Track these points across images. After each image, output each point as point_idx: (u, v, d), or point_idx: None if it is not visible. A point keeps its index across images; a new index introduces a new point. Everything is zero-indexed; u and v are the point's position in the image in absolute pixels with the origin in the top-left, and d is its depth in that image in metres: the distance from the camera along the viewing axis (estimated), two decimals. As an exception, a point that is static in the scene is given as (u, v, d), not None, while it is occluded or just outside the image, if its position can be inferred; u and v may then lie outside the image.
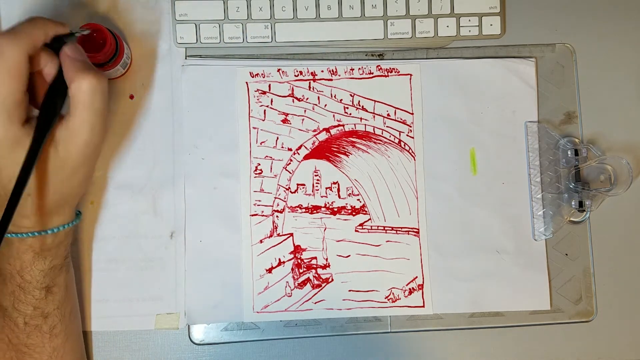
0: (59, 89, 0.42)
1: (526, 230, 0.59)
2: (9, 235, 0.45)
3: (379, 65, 0.59)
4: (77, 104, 0.42)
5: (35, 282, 0.47)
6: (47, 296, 0.48)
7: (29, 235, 0.45)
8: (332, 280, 0.57)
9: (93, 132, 0.43)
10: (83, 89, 0.41)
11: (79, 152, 0.43)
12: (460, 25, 0.59)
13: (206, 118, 0.58)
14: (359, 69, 0.59)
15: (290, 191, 0.58)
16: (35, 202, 0.44)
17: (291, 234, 0.57)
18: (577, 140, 0.60)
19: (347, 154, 0.58)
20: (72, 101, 0.42)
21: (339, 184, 0.58)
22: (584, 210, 0.58)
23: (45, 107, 0.41)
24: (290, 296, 0.57)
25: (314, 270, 0.57)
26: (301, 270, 0.57)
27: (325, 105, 0.58)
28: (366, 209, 0.58)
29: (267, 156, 0.58)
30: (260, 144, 0.58)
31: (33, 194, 0.43)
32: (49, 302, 0.48)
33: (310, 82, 0.59)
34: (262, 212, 0.57)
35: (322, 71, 0.59)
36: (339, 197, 0.58)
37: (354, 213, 0.58)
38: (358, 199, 0.58)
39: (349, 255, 0.58)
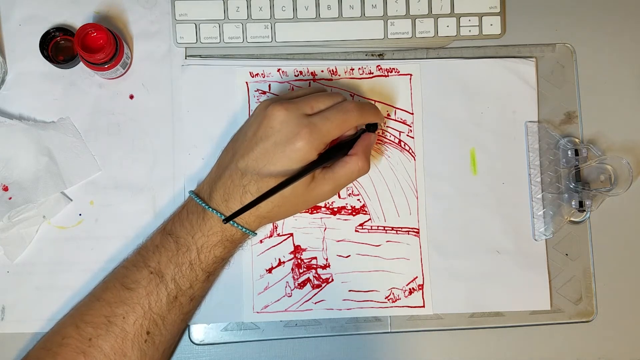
0: (342, 148, 0.51)
1: (526, 230, 0.59)
2: (220, 215, 0.49)
3: (379, 65, 0.59)
4: (340, 170, 0.50)
5: (205, 264, 0.50)
6: (204, 281, 0.51)
7: (237, 225, 0.49)
8: (332, 280, 0.57)
9: (329, 192, 0.51)
10: (352, 166, 0.50)
11: (316, 196, 0.51)
12: (460, 25, 0.59)
13: (206, 118, 0.58)
14: (359, 69, 0.59)
15: (290, 191, 0.58)
16: (267, 206, 0.49)
17: (291, 234, 0.57)
18: (577, 140, 0.60)
19: (347, 154, 0.58)
20: (339, 164, 0.50)
21: (339, 184, 0.58)
22: (584, 210, 0.58)
23: (326, 153, 0.50)
24: (290, 296, 0.57)
25: (314, 270, 0.57)
26: (301, 270, 0.57)
27: (325, 105, 0.58)
28: (366, 209, 0.58)
29: (267, 156, 0.58)
30: (260, 144, 0.58)
31: (272, 199, 0.48)
32: (202, 287, 0.51)
33: (310, 82, 0.59)
34: (262, 212, 0.57)
35: (322, 71, 0.59)
36: (339, 197, 0.58)
37: (354, 213, 0.58)
38: (358, 199, 0.58)
39: (349, 255, 0.58)
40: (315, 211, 0.58)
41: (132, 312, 0.48)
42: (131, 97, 0.58)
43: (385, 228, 0.58)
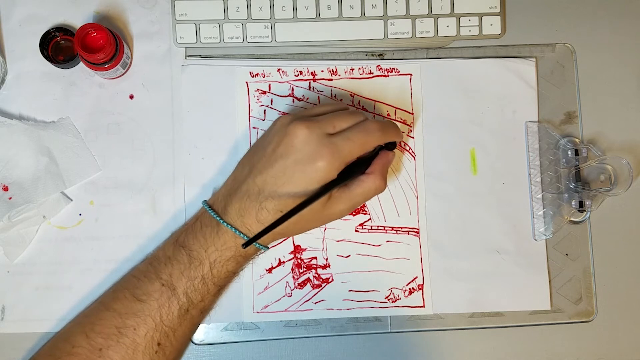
0: (360, 165, 0.50)
1: (526, 230, 0.59)
2: (241, 235, 0.48)
3: (379, 65, 0.59)
4: (357, 189, 0.50)
5: (217, 278, 0.49)
6: (215, 295, 0.50)
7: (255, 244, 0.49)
8: (332, 280, 0.57)
9: (345, 210, 0.50)
10: (369, 185, 0.49)
11: (331, 214, 0.50)
12: (460, 25, 0.59)
13: (206, 118, 0.58)
14: (359, 69, 0.59)
15: (290, 191, 0.58)
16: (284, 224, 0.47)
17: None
18: (577, 140, 0.60)
19: (347, 154, 0.58)
20: (356, 182, 0.50)
21: (339, 184, 0.58)
22: (584, 210, 0.58)
23: (344, 171, 0.48)
24: (290, 296, 0.57)
25: (314, 270, 0.57)
26: (301, 270, 0.57)
27: (325, 105, 0.58)
28: (366, 209, 0.58)
29: (267, 156, 0.58)
30: (260, 144, 0.58)
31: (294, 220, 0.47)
32: (213, 300, 0.51)
33: (310, 82, 0.59)
34: (262, 212, 0.57)
35: (322, 71, 0.59)
36: (339, 197, 0.58)
37: (354, 213, 0.58)
38: (358, 199, 0.58)
39: (349, 255, 0.58)
40: (315, 211, 0.58)
41: (144, 324, 0.47)
42: (131, 97, 0.58)
43: (385, 228, 0.58)
